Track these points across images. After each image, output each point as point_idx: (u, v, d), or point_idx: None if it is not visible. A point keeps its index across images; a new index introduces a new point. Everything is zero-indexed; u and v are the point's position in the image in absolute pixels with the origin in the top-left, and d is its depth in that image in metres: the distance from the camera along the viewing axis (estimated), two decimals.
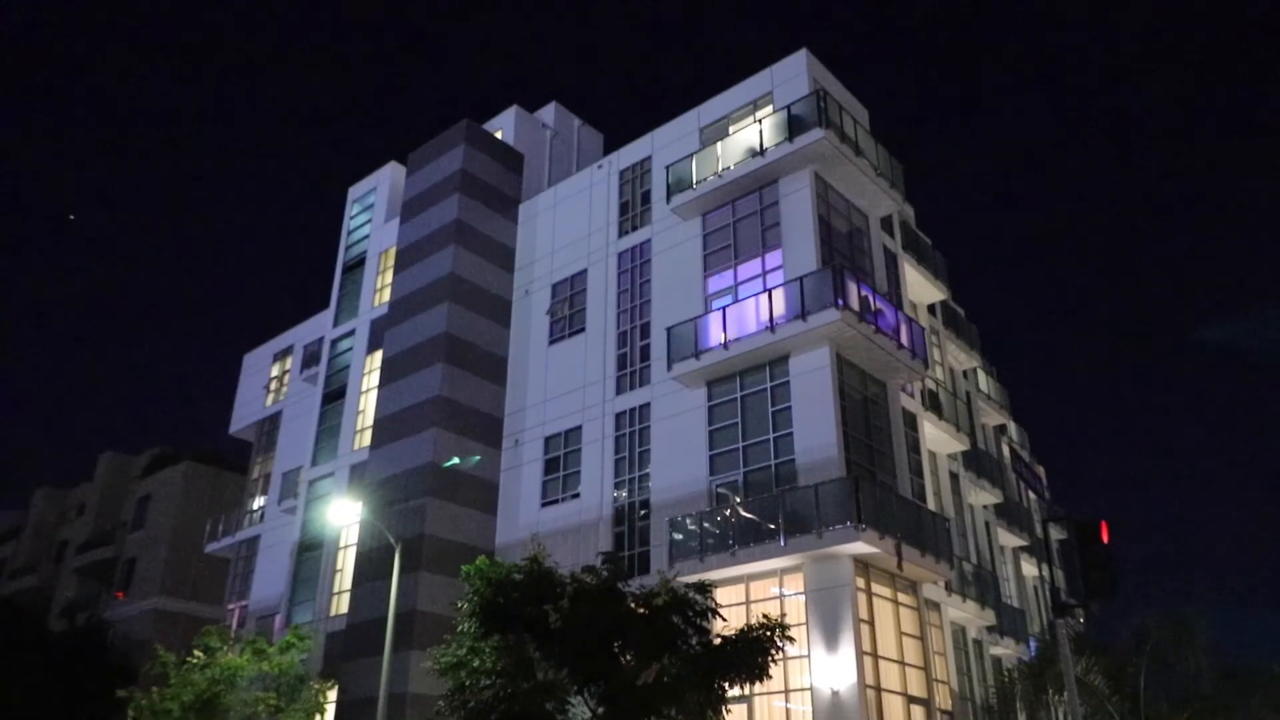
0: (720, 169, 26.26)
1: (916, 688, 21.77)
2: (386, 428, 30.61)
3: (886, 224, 28.69)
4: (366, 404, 33.82)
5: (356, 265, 37.76)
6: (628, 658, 16.25)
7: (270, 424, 41.34)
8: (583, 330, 29.48)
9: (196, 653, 23.86)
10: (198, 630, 25.93)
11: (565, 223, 31.73)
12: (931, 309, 32.16)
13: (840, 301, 22.33)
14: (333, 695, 27.24)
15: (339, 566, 31.95)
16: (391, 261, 34.90)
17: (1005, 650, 28.75)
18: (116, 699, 24.47)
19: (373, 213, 38.07)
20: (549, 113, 37.48)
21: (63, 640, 43.57)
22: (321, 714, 25.97)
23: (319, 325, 39.49)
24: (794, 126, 24.91)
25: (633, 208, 29.96)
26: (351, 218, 39.20)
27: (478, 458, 26.78)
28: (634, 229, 29.48)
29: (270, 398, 42.04)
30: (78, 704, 39.56)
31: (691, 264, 26.93)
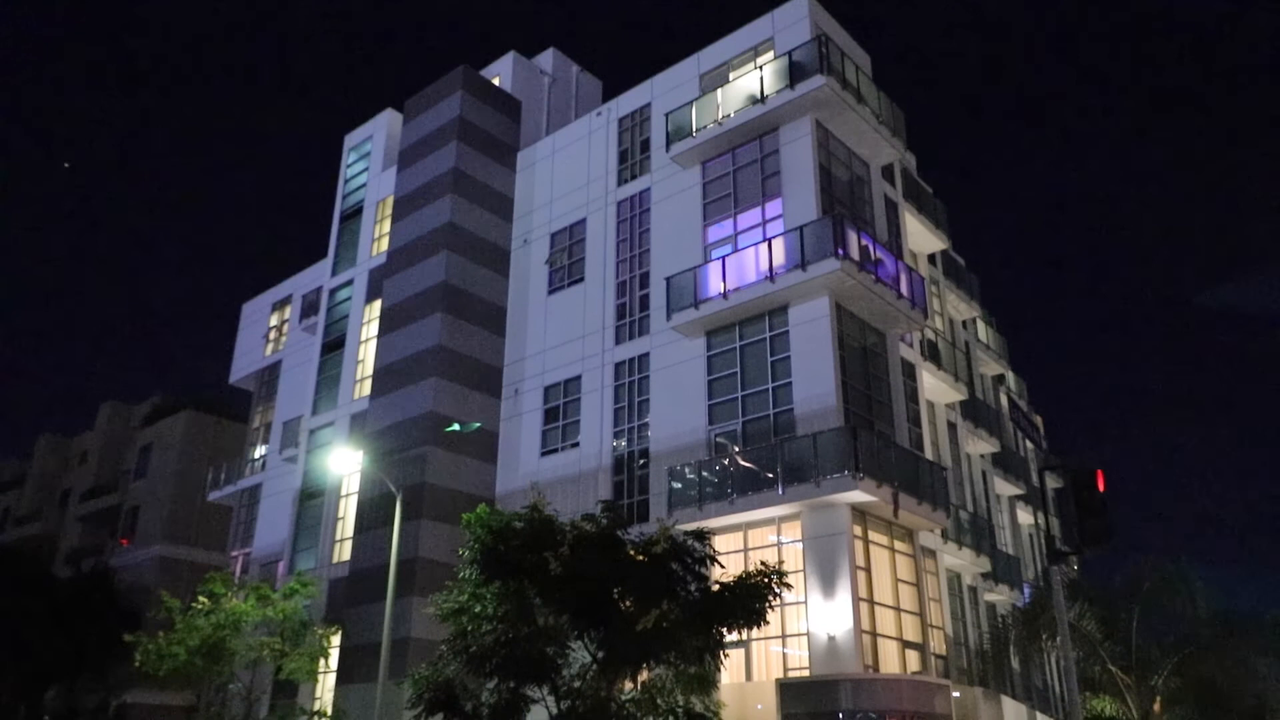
0: (720, 116, 25.99)
1: (912, 633, 22.11)
2: (386, 377, 30.68)
3: (888, 173, 28.48)
4: (366, 353, 33.86)
5: (354, 214, 37.55)
6: (627, 604, 16.45)
7: (270, 373, 41.45)
8: (582, 280, 29.40)
9: (201, 599, 24.16)
10: (202, 577, 26.23)
11: (564, 171, 31.48)
12: (932, 259, 32.05)
13: (840, 251, 22.25)
14: (336, 640, 27.67)
15: (341, 514, 32.24)
16: (389, 210, 34.69)
17: (1000, 597, 29.13)
18: (123, 643, 24.83)
19: (370, 161, 37.75)
20: (547, 59, 36.98)
21: (69, 586, 44.13)
22: (325, 658, 26.40)
23: (317, 275, 39.38)
24: (795, 73, 24.60)
25: (632, 156, 29.69)
26: (348, 166, 38.89)
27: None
28: (633, 177, 29.25)
29: (270, 347, 42.09)
30: (85, 648, 40.19)
31: (691, 213, 26.77)
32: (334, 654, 27.55)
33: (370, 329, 34.02)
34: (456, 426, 26.08)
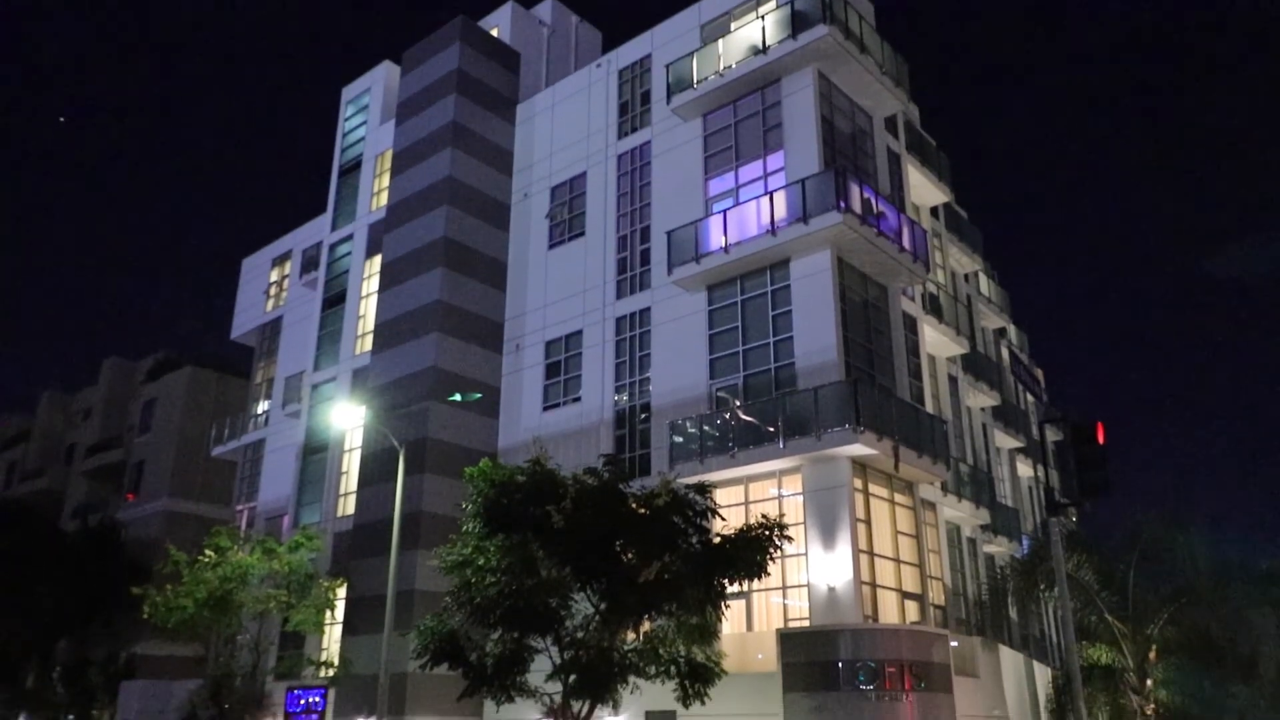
0: (721, 68, 25.68)
1: (911, 584, 22.35)
2: (387, 332, 30.69)
3: (890, 124, 28.19)
4: (367, 309, 33.82)
5: (353, 168, 37.28)
6: (629, 556, 16.63)
7: (271, 329, 41.47)
8: (582, 234, 29.27)
9: (208, 552, 24.42)
10: (207, 530, 26.49)
11: (564, 124, 31.18)
12: (934, 211, 31.85)
13: (842, 204, 22.11)
14: (342, 592, 28.01)
15: (344, 469, 32.44)
16: (388, 164, 34.44)
17: (998, 548, 29.39)
18: (132, 596, 25.14)
19: (368, 115, 37.39)
20: (545, 9, 36.46)
21: (77, 540, 44.61)
22: (331, 610, 26.74)
23: (317, 230, 39.21)
24: (797, 22, 24.26)
25: (632, 108, 29.39)
26: (346, 119, 38.53)
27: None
28: (633, 130, 28.98)
29: (270, 303, 42.06)
30: (94, 601, 40.75)
31: (692, 166, 26.57)
32: (340, 606, 27.91)
33: (371, 284, 33.96)
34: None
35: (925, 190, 30.20)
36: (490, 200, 31.62)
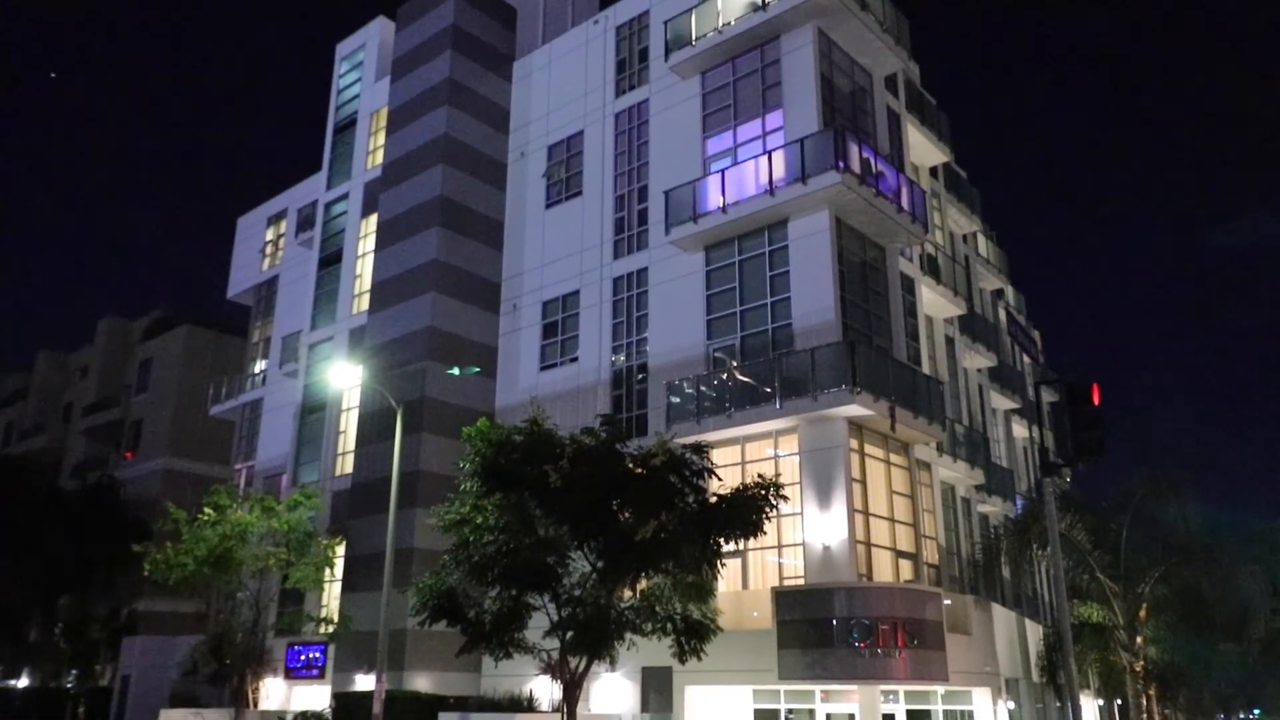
0: (720, 24, 25.38)
1: (905, 543, 22.55)
2: (384, 292, 30.60)
3: (890, 83, 27.93)
4: (363, 268, 33.70)
5: (348, 126, 36.94)
6: (626, 515, 16.75)
7: (268, 288, 41.34)
8: (579, 193, 29.10)
9: (207, 510, 24.53)
10: (206, 489, 26.60)
11: (561, 82, 30.87)
12: (933, 171, 31.68)
13: (841, 164, 21.97)
14: (340, 550, 28.21)
15: (342, 428, 32.53)
16: (383, 122, 34.12)
17: (992, 508, 29.62)
18: (132, 553, 25.32)
19: (362, 71, 36.97)
20: None
21: (76, 498, 44.81)
22: (330, 567, 26.95)
23: (312, 188, 38.95)
24: None
25: (630, 66, 29.08)
26: (341, 76, 38.09)
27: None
28: (631, 88, 28.70)
29: (266, 262, 41.88)
30: (95, 558, 41.04)
31: (690, 125, 26.35)
32: (339, 563, 28.13)
33: (367, 243, 33.80)
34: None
35: (925, 150, 30.01)
36: (487, 159, 31.38)
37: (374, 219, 32.98)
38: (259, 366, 40.07)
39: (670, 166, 26.26)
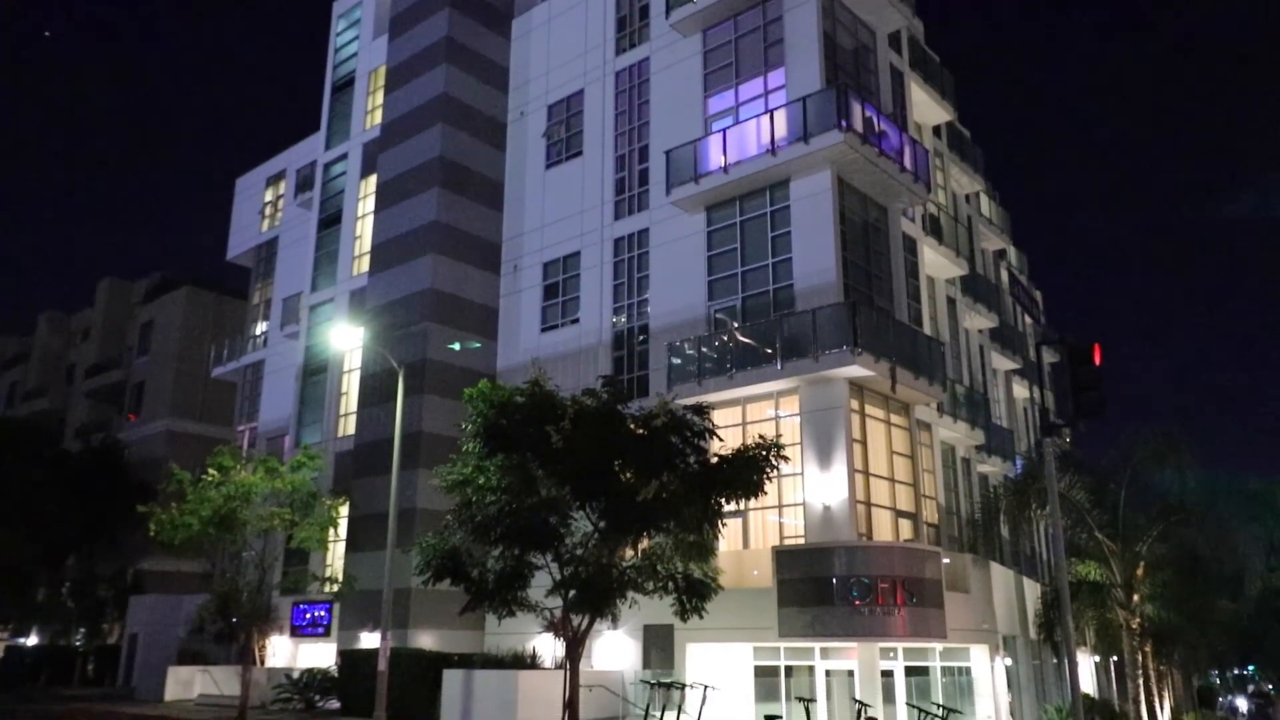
0: None
1: (905, 503, 22.69)
2: (385, 253, 30.51)
3: (894, 41, 27.62)
4: (363, 229, 33.57)
5: (346, 85, 36.60)
6: (627, 475, 16.82)
7: (268, 249, 41.23)
8: (580, 154, 28.90)
9: (211, 471, 24.64)
10: (209, 450, 26.70)
11: (560, 39, 30.52)
12: (936, 130, 31.42)
13: (843, 123, 21.79)
14: (344, 510, 28.40)
15: (344, 390, 32.61)
16: (382, 81, 33.79)
17: (992, 468, 29.76)
18: (137, 514, 25.49)
19: (360, 29, 36.55)
20: None
21: (81, 459, 45.08)
22: (334, 527, 27.15)
23: (311, 149, 38.68)
24: None
25: (631, 23, 28.73)
26: (338, 35, 37.66)
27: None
28: (632, 46, 28.38)
29: (266, 223, 41.72)
30: (100, 519, 41.37)
31: (691, 84, 26.10)
32: (342, 524, 28.33)
33: (367, 204, 33.64)
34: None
35: (928, 108, 29.75)
36: (486, 118, 31.13)
37: (373, 179, 32.78)
38: (260, 328, 40.07)
39: (671, 126, 26.05)
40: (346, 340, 28.84)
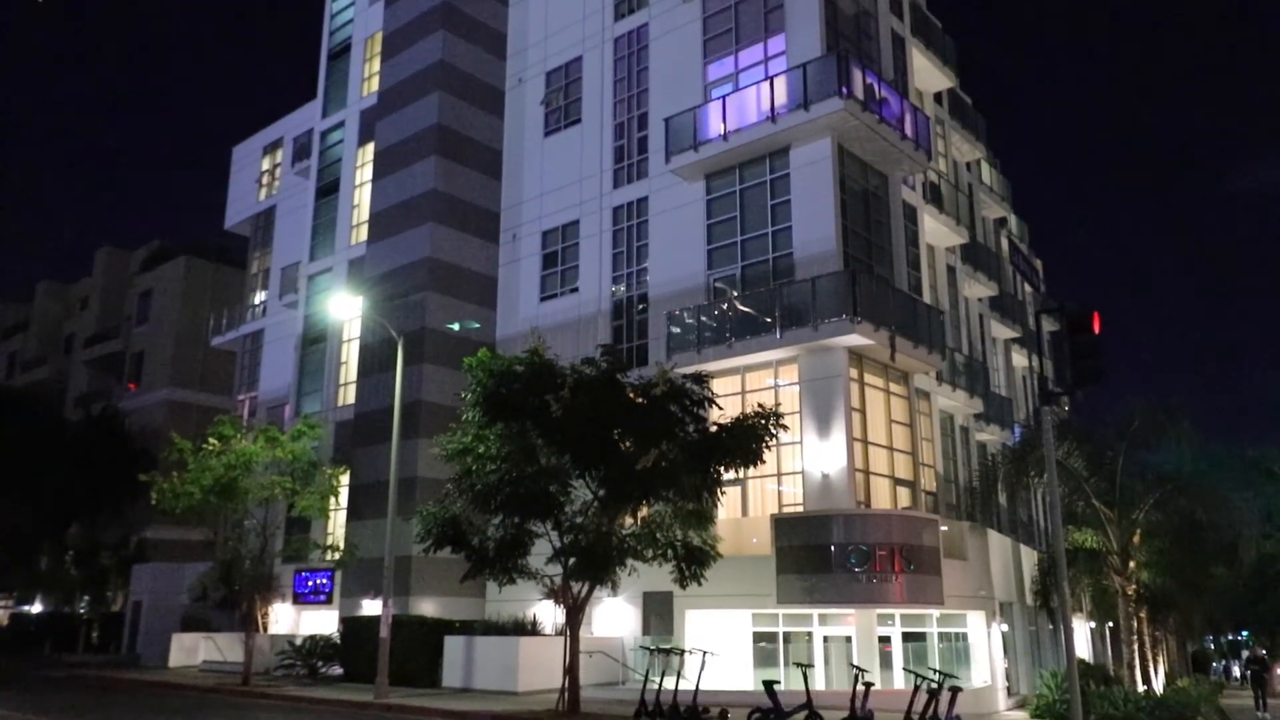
0: None
1: (903, 471, 22.78)
2: (383, 222, 30.39)
3: (895, 6, 27.34)
4: (361, 198, 33.40)
5: (342, 52, 36.26)
6: (627, 444, 16.87)
7: (265, 218, 41.04)
8: (579, 121, 28.70)
9: (211, 440, 24.70)
10: (210, 419, 26.74)
11: (559, 5, 30.19)
12: (937, 97, 31.18)
13: (844, 90, 21.63)
14: (345, 479, 28.51)
15: (343, 359, 32.61)
16: (378, 48, 33.48)
17: (990, 436, 29.83)
18: (139, 483, 25.60)
19: None
20: None
21: (81, 428, 45.19)
22: (335, 496, 27.27)
23: (308, 116, 38.39)
24: None
25: None
26: (333, 0, 37.27)
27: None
28: (630, 12, 28.10)
29: (263, 192, 41.50)
30: (102, 487, 41.55)
31: (691, 50, 25.87)
32: (344, 492, 28.45)
33: (364, 173, 33.45)
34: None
35: (929, 75, 29.51)
36: (484, 86, 30.89)
37: (371, 147, 32.58)
38: (259, 297, 40.00)
39: (671, 93, 25.86)
40: (345, 310, 28.82)
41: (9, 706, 17.15)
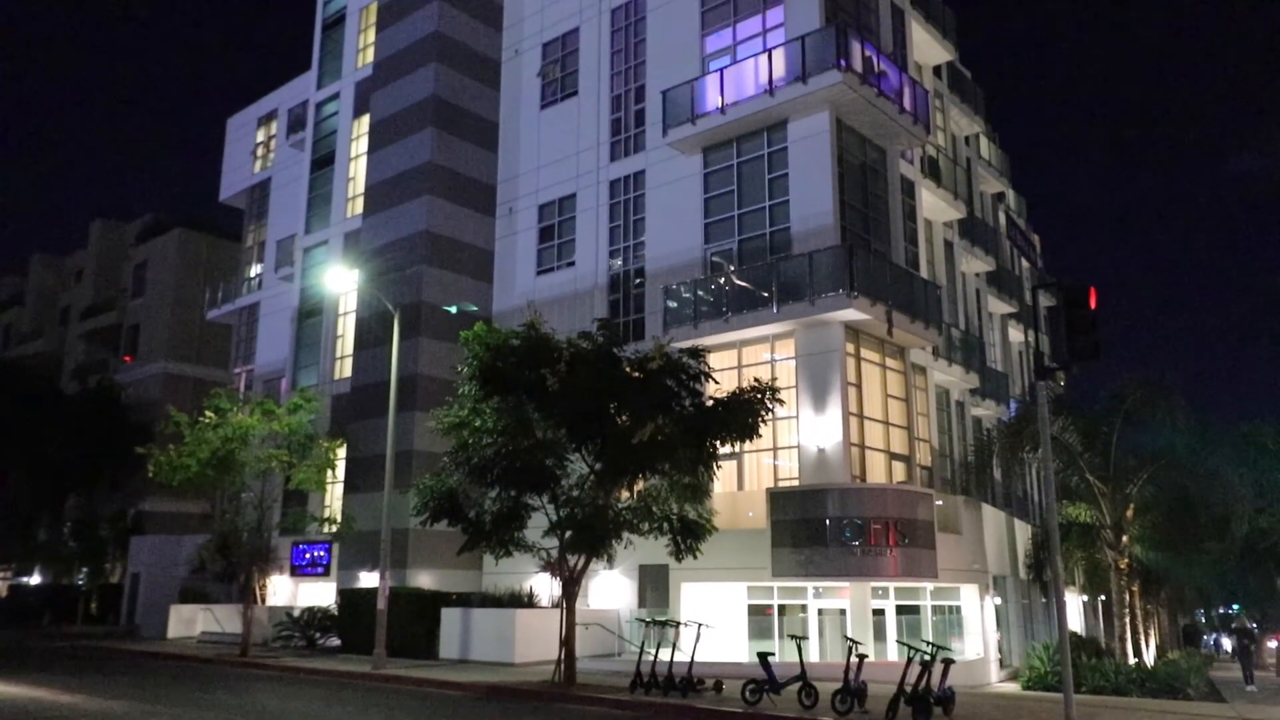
0: None
1: (899, 445, 22.85)
2: (378, 195, 30.26)
3: None
4: (357, 170, 33.23)
5: (337, 22, 35.94)
6: (623, 418, 16.90)
7: (260, 191, 40.83)
8: (575, 94, 28.51)
9: (208, 413, 24.72)
10: (206, 392, 26.75)
11: None
12: (936, 70, 30.99)
13: (842, 63, 21.48)
14: (341, 452, 28.57)
15: (340, 332, 32.58)
16: (373, 18, 33.18)
17: (986, 411, 29.92)
18: (136, 456, 25.63)
19: None
20: None
21: (78, 401, 45.18)
22: (332, 469, 27.34)
23: (302, 88, 38.10)
24: None
25: None
26: None
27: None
28: None
29: (258, 164, 41.25)
30: (100, 460, 41.61)
31: (688, 22, 25.66)
32: (340, 465, 28.52)
33: (360, 145, 33.25)
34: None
35: (928, 48, 29.30)
36: (480, 57, 30.65)
37: (366, 119, 32.37)
38: (255, 270, 39.88)
39: (668, 66, 25.67)
40: (341, 283, 28.74)
41: (26, 683, 17.16)
